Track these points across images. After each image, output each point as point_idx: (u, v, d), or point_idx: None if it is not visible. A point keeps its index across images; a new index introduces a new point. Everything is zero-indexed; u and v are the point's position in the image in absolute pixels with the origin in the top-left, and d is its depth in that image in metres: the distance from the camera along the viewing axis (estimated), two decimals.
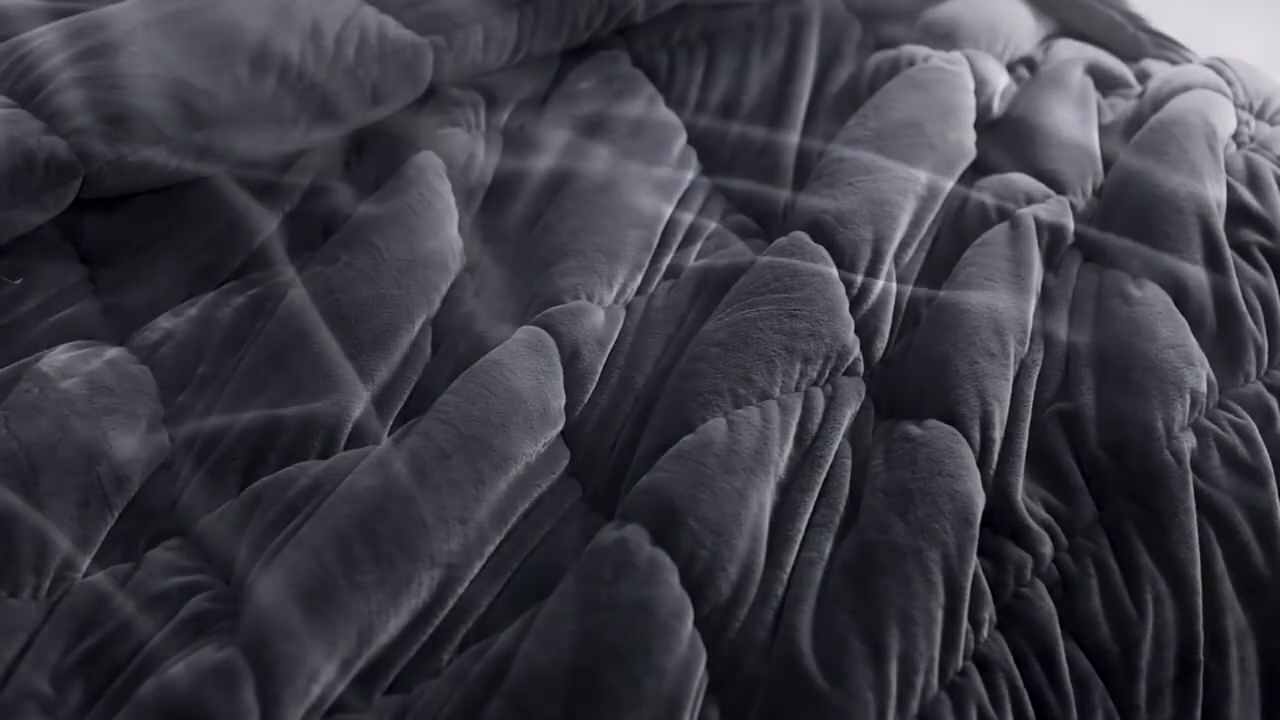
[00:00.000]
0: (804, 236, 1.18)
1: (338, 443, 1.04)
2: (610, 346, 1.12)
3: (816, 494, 0.99)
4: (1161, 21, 1.56)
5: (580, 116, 1.34)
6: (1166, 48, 1.52)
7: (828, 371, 1.09)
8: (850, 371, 1.10)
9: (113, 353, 1.11)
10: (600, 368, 1.10)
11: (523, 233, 1.23)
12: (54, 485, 0.99)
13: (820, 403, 1.06)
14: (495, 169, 1.30)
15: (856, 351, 1.11)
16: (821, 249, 1.17)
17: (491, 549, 0.96)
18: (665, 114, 1.37)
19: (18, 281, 1.17)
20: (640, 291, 1.19)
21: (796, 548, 0.95)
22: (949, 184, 1.28)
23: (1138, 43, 1.52)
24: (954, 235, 1.24)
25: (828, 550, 0.95)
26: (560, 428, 1.06)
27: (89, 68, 1.24)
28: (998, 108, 1.41)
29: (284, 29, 1.29)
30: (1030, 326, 1.13)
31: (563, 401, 1.07)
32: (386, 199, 1.23)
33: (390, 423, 1.07)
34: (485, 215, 1.26)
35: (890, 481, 0.98)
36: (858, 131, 1.31)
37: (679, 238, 1.24)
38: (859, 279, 1.16)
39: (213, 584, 0.95)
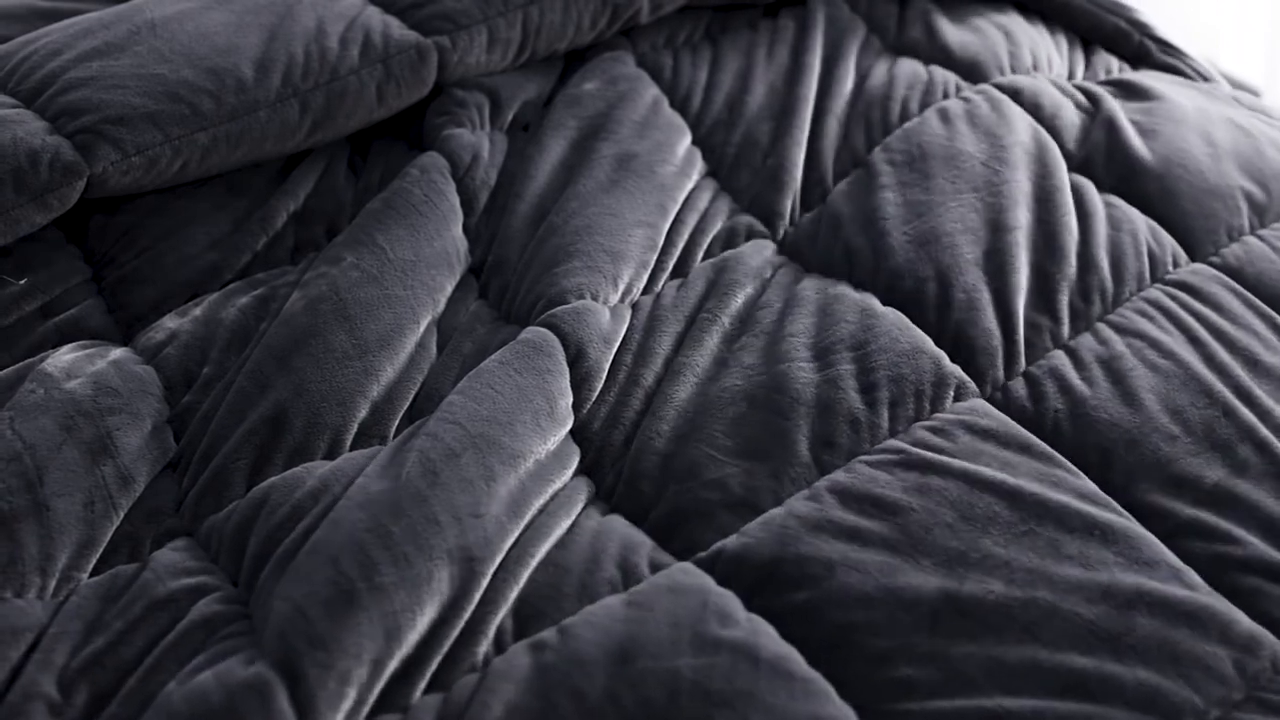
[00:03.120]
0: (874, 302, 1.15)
1: (343, 443, 1.04)
2: (616, 344, 1.12)
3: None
4: (1169, 29, 1.55)
5: (585, 117, 1.34)
6: (1173, 55, 1.51)
7: (928, 405, 1.06)
8: (964, 395, 1.07)
9: (117, 353, 1.11)
10: (607, 366, 1.10)
11: (527, 233, 1.23)
12: (59, 486, 0.99)
13: (935, 439, 1.03)
14: (500, 169, 1.30)
15: (965, 382, 1.08)
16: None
17: (511, 540, 0.95)
18: (670, 115, 1.36)
19: (22, 281, 1.17)
20: (646, 291, 1.19)
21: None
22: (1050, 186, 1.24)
23: (1144, 51, 1.51)
24: (1111, 268, 1.18)
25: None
26: (569, 426, 1.05)
27: (93, 68, 1.24)
28: (1078, 132, 1.34)
29: (288, 29, 1.29)
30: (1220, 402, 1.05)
31: (570, 400, 1.06)
32: (391, 200, 1.22)
33: (396, 423, 1.07)
34: (490, 216, 1.26)
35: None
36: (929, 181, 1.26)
37: (684, 237, 1.23)
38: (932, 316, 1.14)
39: (220, 585, 0.94)
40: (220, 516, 0.99)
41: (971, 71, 1.41)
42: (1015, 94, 1.36)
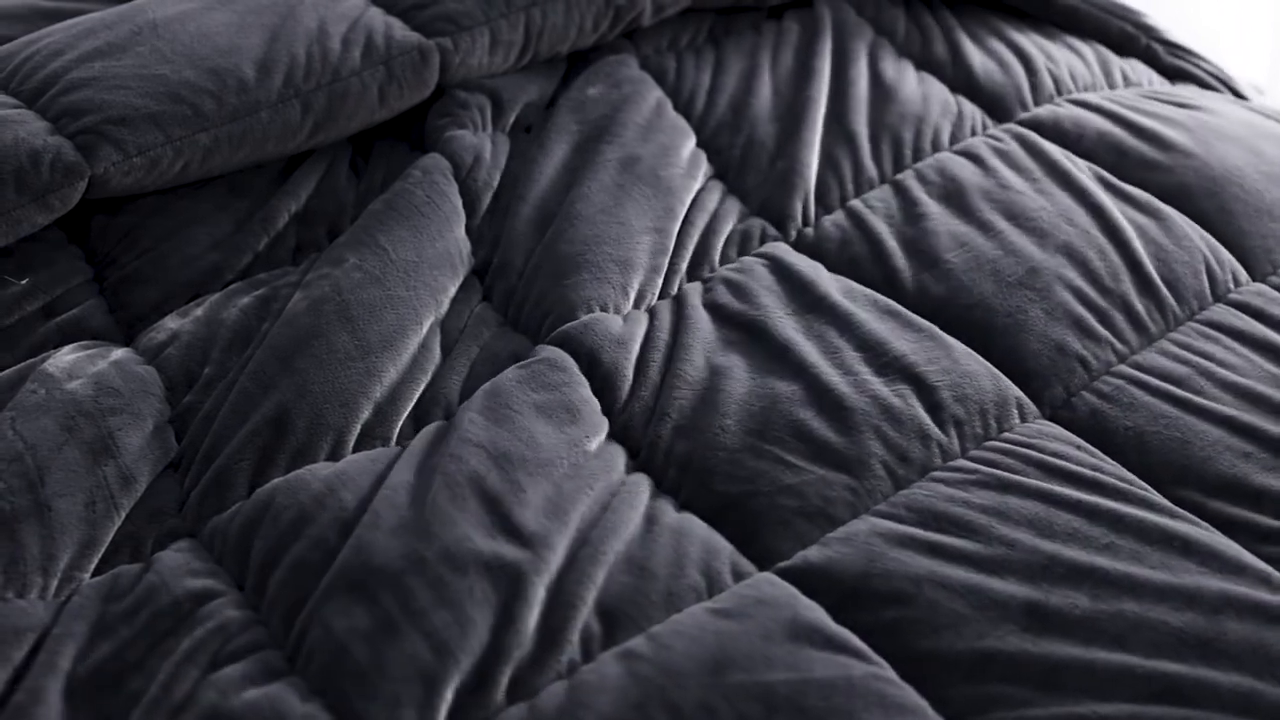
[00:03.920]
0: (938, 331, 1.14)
1: (346, 444, 1.04)
2: (635, 345, 1.11)
3: None
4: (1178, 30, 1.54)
5: (588, 120, 1.34)
6: (1181, 58, 1.51)
7: (994, 424, 1.06)
8: (1028, 416, 1.07)
9: (119, 353, 1.11)
10: (628, 366, 1.09)
11: (531, 237, 1.22)
12: (60, 486, 0.99)
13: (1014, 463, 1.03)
14: (502, 171, 1.30)
15: (1025, 402, 1.08)
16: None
17: (564, 541, 0.94)
18: (674, 118, 1.36)
19: (24, 281, 1.17)
20: (663, 295, 1.18)
21: None
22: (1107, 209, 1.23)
23: (1152, 54, 1.51)
24: (1172, 285, 1.17)
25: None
26: (604, 430, 1.05)
27: (95, 69, 1.24)
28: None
29: (290, 30, 1.29)
30: None
31: (596, 405, 1.06)
32: (394, 201, 1.22)
33: (399, 424, 1.06)
34: (492, 217, 1.26)
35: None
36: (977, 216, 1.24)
37: (694, 239, 1.23)
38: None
39: (226, 589, 0.94)
40: (224, 518, 0.99)
41: (995, 107, 1.40)
42: (1038, 127, 1.36)
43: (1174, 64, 1.51)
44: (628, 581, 0.92)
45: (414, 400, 1.08)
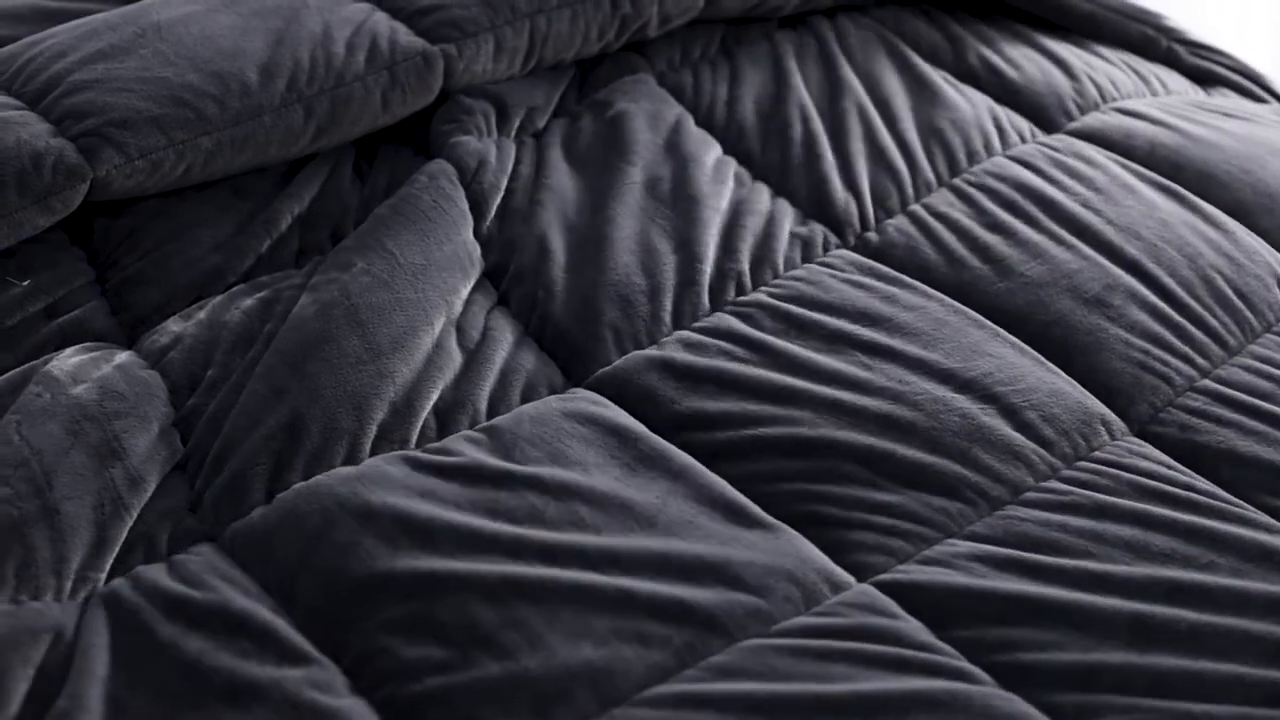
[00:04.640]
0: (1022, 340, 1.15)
1: (361, 447, 1.03)
2: (675, 363, 1.10)
3: None
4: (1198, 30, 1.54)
5: (611, 140, 1.32)
6: (1205, 58, 1.51)
7: (1083, 443, 1.06)
8: (1116, 434, 1.08)
9: (122, 357, 1.10)
10: (666, 386, 1.08)
11: (553, 245, 1.21)
12: (68, 489, 0.98)
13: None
14: (511, 175, 1.29)
15: (1112, 420, 1.08)
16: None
17: (639, 550, 0.94)
18: (695, 131, 1.35)
19: (26, 283, 1.17)
20: (715, 303, 1.17)
21: None
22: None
23: (1173, 55, 1.51)
24: (1246, 299, 1.18)
25: None
26: (663, 441, 1.04)
27: (98, 71, 1.23)
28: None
29: (294, 34, 1.29)
30: None
31: (644, 426, 1.05)
32: (400, 205, 1.22)
33: (418, 425, 1.06)
34: (503, 221, 1.25)
35: None
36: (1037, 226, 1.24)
37: (750, 242, 1.22)
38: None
39: (252, 592, 0.93)
40: (243, 523, 0.98)
41: (1040, 116, 1.40)
42: (1089, 136, 1.36)
43: (1197, 65, 1.51)
44: (720, 590, 0.92)
45: (432, 400, 1.08)
